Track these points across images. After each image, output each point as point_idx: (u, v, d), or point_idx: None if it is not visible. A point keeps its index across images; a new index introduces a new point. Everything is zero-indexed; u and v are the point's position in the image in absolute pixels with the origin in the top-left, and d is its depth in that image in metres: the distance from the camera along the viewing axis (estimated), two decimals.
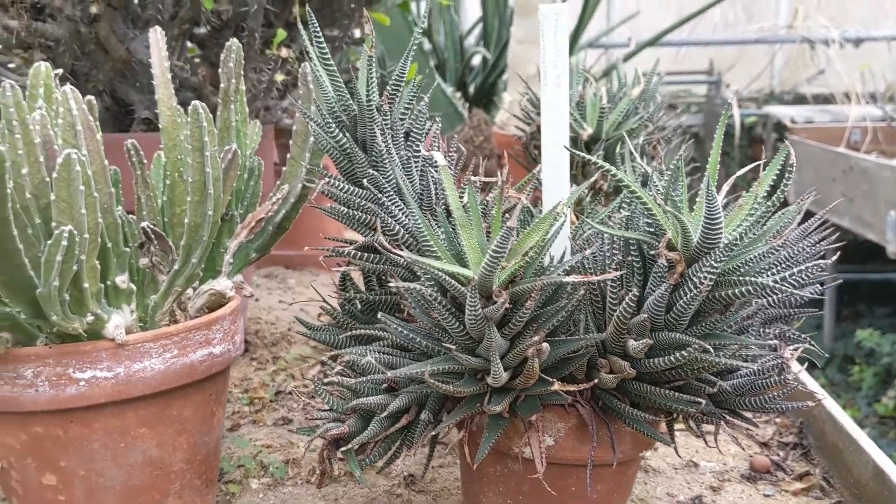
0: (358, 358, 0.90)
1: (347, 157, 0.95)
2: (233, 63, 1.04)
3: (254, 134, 1.15)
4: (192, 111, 0.89)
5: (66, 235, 0.79)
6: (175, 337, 0.93)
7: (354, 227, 0.96)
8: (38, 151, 0.83)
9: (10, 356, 0.87)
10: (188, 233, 0.92)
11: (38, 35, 1.36)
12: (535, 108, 1.61)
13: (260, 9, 1.40)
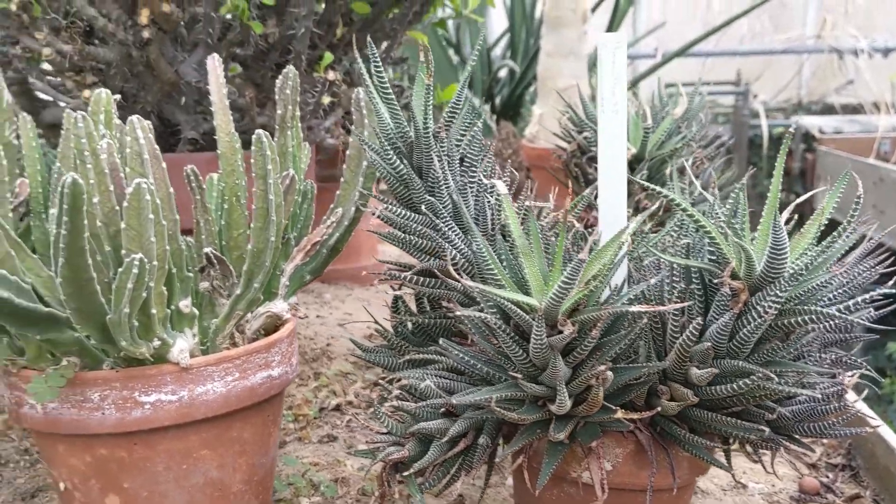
0: (416, 382, 0.91)
1: (404, 183, 0.97)
2: (289, 90, 1.06)
3: (304, 157, 1.17)
4: (256, 139, 0.91)
5: (136, 263, 0.81)
6: (236, 360, 0.95)
7: (411, 252, 0.97)
8: (108, 181, 0.85)
9: (78, 380, 0.89)
10: (251, 258, 0.94)
11: (90, 58, 1.39)
12: (576, 127, 1.62)
13: (307, 32, 1.42)
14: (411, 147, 0.97)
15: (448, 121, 0.97)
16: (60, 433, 0.92)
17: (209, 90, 1.48)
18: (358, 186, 1.10)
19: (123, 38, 1.35)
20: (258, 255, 0.94)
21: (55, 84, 1.45)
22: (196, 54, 1.48)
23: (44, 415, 0.91)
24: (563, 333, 0.74)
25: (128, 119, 0.91)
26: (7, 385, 0.94)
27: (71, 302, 0.81)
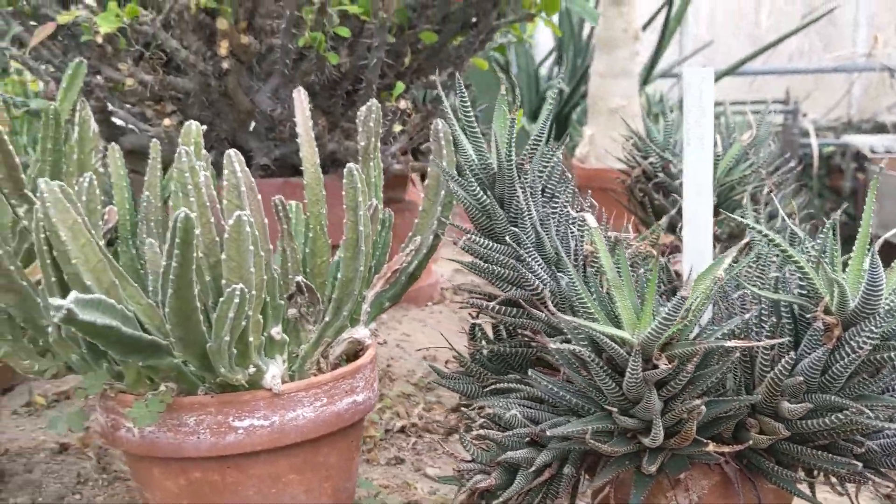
0: (502, 412, 0.92)
1: (487, 214, 0.99)
2: (373, 122, 1.09)
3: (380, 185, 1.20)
4: (348, 173, 0.93)
5: (237, 293, 0.84)
6: (325, 386, 0.97)
7: (492, 281, 0.99)
8: (209, 213, 0.88)
9: (175, 405, 0.92)
10: (340, 287, 0.96)
11: (170, 88, 1.44)
12: (640, 152, 1.63)
13: (378, 62, 1.46)
14: (493, 178, 0.99)
15: (531, 152, 0.99)
16: (156, 456, 0.95)
17: (282, 118, 1.52)
18: (436, 215, 1.12)
19: (203, 69, 1.40)
20: (347, 284, 0.96)
21: (135, 112, 1.50)
22: (270, 83, 1.52)
23: (140, 438, 0.94)
24: (660, 368, 0.75)
25: (225, 153, 0.94)
26: (104, 408, 0.98)
27: (176, 331, 0.84)
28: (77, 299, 0.71)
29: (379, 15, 1.39)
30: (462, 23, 1.62)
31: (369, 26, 1.43)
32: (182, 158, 0.89)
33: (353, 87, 1.52)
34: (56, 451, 1.50)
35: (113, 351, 0.84)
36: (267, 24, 1.44)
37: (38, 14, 1.45)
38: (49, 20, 1.44)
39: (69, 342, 0.93)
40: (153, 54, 1.37)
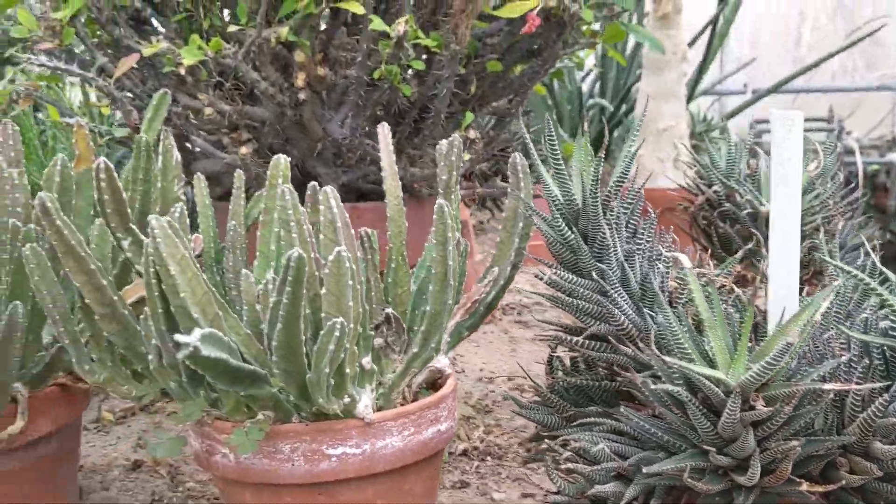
0: (589, 445, 0.94)
1: (571, 249, 1.01)
2: (454, 156, 1.12)
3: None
4: (438, 209, 0.96)
5: (338, 327, 0.87)
6: (412, 415, 1.00)
7: (576, 315, 1.01)
8: (310, 248, 0.92)
9: (271, 433, 0.95)
10: (428, 319, 0.99)
11: (247, 117, 1.49)
12: (703, 180, 1.64)
13: (448, 93, 1.49)
14: (577, 214, 1.01)
15: (616, 189, 1.01)
16: (250, 482, 0.98)
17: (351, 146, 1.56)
18: (514, 247, 1.15)
19: (281, 100, 1.44)
20: (436, 316, 0.99)
21: (210, 140, 1.55)
22: (340, 112, 1.56)
23: (236, 464, 0.97)
24: (758, 410, 0.77)
25: (321, 189, 0.98)
26: (199, 434, 1.01)
27: (281, 363, 0.87)
28: (202, 336, 0.75)
29: (451, 47, 1.42)
30: (526, 51, 1.65)
31: (439, 58, 1.46)
32: (286, 196, 0.93)
33: (420, 116, 1.55)
34: (129, 468, 1.54)
35: (219, 381, 0.88)
36: (341, 55, 1.48)
37: (119, 45, 1.50)
38: (131, 51, 1.49)
39: (169, 370, 0.97)
40: (233, 85, 1.42)
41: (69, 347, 1.01)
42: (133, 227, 0.97)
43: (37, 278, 0.97)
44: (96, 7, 1.43)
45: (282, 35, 1.34)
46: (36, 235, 1.13)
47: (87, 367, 1.02)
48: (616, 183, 1.01)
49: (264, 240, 1.16)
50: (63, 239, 0.94)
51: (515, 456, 1.57)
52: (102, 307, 0.97)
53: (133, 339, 1.01)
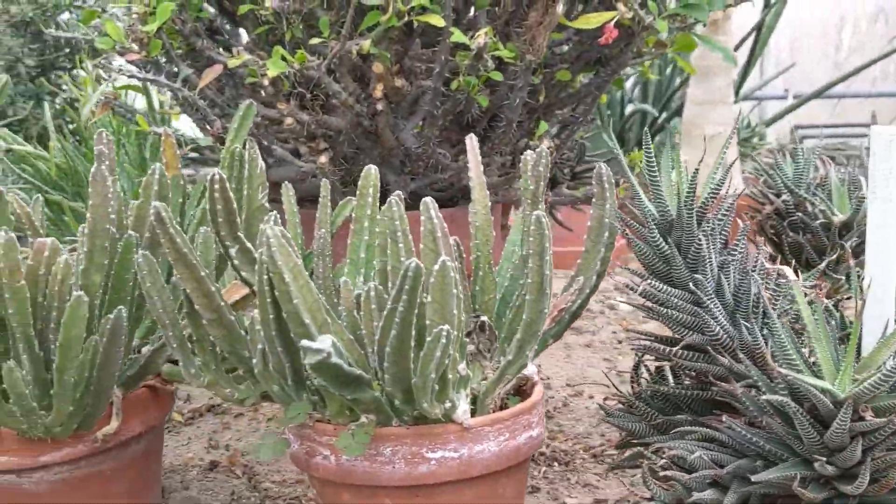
0: (685, 453, 0.96)
1: (665, 260, 1.03)
2: (542, 167, 1.14)
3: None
4: (536, 220, 0.99)
5: (444, 334, 0.90)
6: (507, 421, 1.02)
7: (670, 326, 1.03)
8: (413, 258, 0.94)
9: (373, 436, 0.97)
10: (524, 328, 1.01)
11: (324, 126, 1.52)
12: (772, 189, 1.64)
13: (520, 102, 1.51)
14: (670, 225, 1.03)
15: (711, 199, 1.03)
16: (349, 483, 1.01)
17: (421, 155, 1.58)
18: (599, 256, 1.16)
19: (359, 110, 1.47)
20: (531, 325, 1.01)
21: (287, 148, 1.59)
22: (412, 121, 1.59)
23: (337, 466, 1.00)
24: (867, 421, 0.78)
25: (422, 201, 1.01)
26: (298, 436, 1.04)
27: (391, 368, 0.90)
28: (333, 343, 0.77)
29: (526, 58, 1.45)
30: (595, 60, 1.67)
31: (512, 68, 1.49)
32: (393, 207, 0.96)
33: (495, 126, 1.57)
34: (206, 468, 1.58)
35: (330, 385, 0.91)
36: (416, 66, 1.51)
37: (201, 56, 1.54)
38: (212, 62, 1.54)
39: (273, 373, 1.00)
40: (314, 96, 1.45)
41: (177, 351, 1.05)
42: (241, 235, 1.00)
43: (148, 284, 1.01)
44: (180, 19, 1.47)
45: (364, 47, 1.37)
46: (136, 242, 1.17)
47: (193, 371, 1.06)
48: (711, 193, 1.03)
49: (354, 248, 1.19)
50: (176, 246, 0.97)
51: (583, 462, 1.59)
52: (210, 312, 1.01)
53: (236, 344, 1.04)
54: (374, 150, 1.61)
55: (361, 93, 1.50)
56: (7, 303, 1.06)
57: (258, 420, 1.85)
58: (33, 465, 1.18)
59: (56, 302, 1.09)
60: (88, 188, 1.14)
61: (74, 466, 1.21)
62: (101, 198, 1.13)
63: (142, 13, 1.41)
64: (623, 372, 2.11)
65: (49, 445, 1.17)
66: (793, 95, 5.16)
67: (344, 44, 1.37)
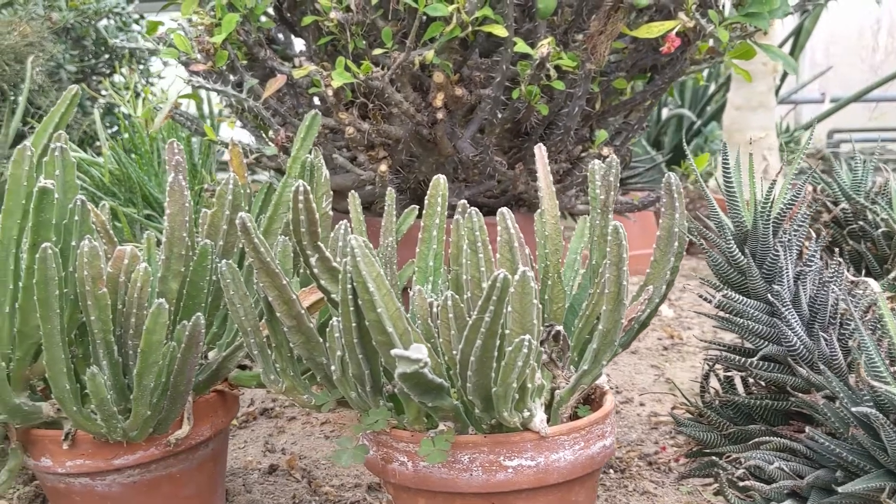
0: (764, 464, 0.96)
1: (741, 271, 1.03)
2: (612, 177, 1.15)
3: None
4: (613, 230, 0.99)
5: (526, 344, 0.91)
6: (583, 430, 1.03)
7: (745, 336, 1.03)
8: (493, 268, 0.95)
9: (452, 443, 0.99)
10: (600, 338, 1.02)
11: (384, 135, 1.54)
12: (829, 197, 1.64)
13: (579, 110, 1.52)
14: (745, 236, 1.04)
15: (787, 210, 1.03)
16: (426, 489, 1.02)
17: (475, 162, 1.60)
18: (669, 266, 1.17)
19: (420, 119, 1.48)
20: (607, 334, 1.02)
21: (346, 156, 1.61)
22: (469, 129, 1.60)
23: (413, 472, 1.02)
24: None
25: (498, 211, 1.02)
26: (375, 442, 1.06)
27: (474, 377, 0.91)
28: (427, 353, 0.79)
29: (586, 66, 1.46)
30: (649, 68, 1.67)
31: (571, 76, 1.50)
32: (473, 219, 0.97)
33: (552, 133, 1.58)
34: (265, 471, 1.60)
35: (413, 393, 0.92)
36: (475, 75, 1.52)
37: (263, 66, 1.57)
38: (274, 72, 1.56)
39: (351, 380, 1.02)
40: (375, 105, 1.47)
41: (258, 357, 1.07)
42: (321, 245, 1.02)
43: (231, 292, 1.03)
44: (244, 30, 1.50)
45: (427, 57, 1.39)
46: (211, 249, 1.19)
47: (273, 377, 1.08)
48: (787, 204, 1.03)
49: (422, 256, 1.21)
50: (260, 255, 0.99)
51: (639, 469, 1.59)
52: (290, 319, 1.03)
53: (314, 350, 1.06)
54: (429, 157, 1.62)
55: (422, 102, 1.51)
56: (89, 309, 1.08)
57: (311, 424, 1.87)
58: (107, 467, 1.20)
59: (135, 308, 1.11)
60: (166, 197, 1.16)
61: (146, 469, 1.24)
62: (178, 206, 1.15)
63: (208, 24, 1.43)
64: (672, 380, 2.11)
65: (123, 448, 1.20)
66: (830, 99, 5.11)
67: (408, 54, 1.39)
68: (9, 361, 1.15)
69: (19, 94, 3.90)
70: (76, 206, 1.12)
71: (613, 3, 1.37)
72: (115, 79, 4.61)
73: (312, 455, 1.68)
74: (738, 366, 1.04)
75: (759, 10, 1.41)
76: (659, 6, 1.51)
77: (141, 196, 2.29)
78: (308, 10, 1.51)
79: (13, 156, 1.13)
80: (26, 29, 4.10)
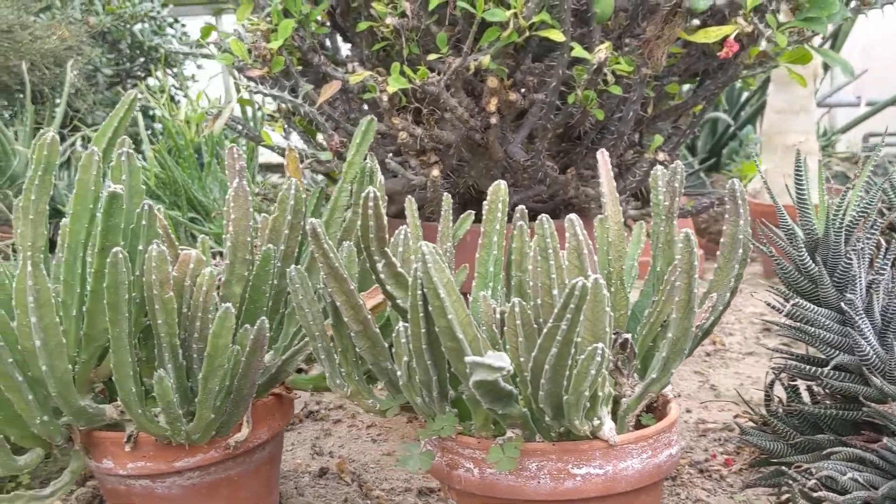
0: (837, 475, 0.95)
1: (811, 279, 1.02)
2: (677, 183, 1.14)
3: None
4: (685, 238, 0.98)
5: (599, 352, 0.90)
6: (650, 439, 1.02)
7: (815, 345, 1.02)
8: (564, 275, 0.95)
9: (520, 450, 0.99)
10: (670, 346, 1.01)
11: (436, 140, 1.54)
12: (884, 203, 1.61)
13: (634, 115, 1.51)
14: (816, 244, 1.02)
15: (860, 218, 1.01)
16: (492, 496, 1.02)
17: (525, 166, 1.59)
18: (733, 273, 1.16)
19: (473, 124, 1.48)
20: (677, 342, 1.01)
21: (397, 161, 1.61)
22: (520, 134, 1.60)
23: (480, 479, 1.02)
24: None
25: (566, 218, 1.01)
26: (441, 448, 1.06)
27: (547, 385, 0.91)
28: None
29: (641, 71, 1.45)
30: (702, 72, 1.66)
31: (626, 81, 1.49)
32: (545, 225, 0.97)
33: (605, 138, 1.58)
34: (316, 474, 1.61)
35: (484, 400, 0.92)
36: (528, 79, 1.52)
37: (317, 71, 1.58)
38: (327, 78, 1.57)
39: (418, 385, 1.02)
40: (429, 111, 1.47)
41: (324, 362, 1.07)
42: (387, 250, 1.02)
43: (300, 297, 1.04)
44: (298, 36, 1.51)
45: (483, 63, 1.39)
46: (273, 254, 1.20)
47: (338, 381, 1.08)
48: (860, 213, 1.02)
49: (482, 261, 1.21)
50: (329, 261, 1.00)
51: (690, 477, 1.58)
52: (357, 324, 1.03)
53: (380, 356, 1.06)
54: (478, 162, 1.62)
55: (475, 107, 1.51)
56: (156, 313, 1.09)
57: (357, 427, 1.88)
58: (168, 470, 1.22)
59: (200, 312, 1.12)
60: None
61: (205, 472, 1.25)
62: (242, 211, 1.16)
63: (264, 30, 1.44)
64: (716, 386, 2.09)
65: (185, 451, 1.21)
66: (866, 102, 5.04)
67: (465, 59, 1.39)
68: (74, 364, 1.17)
69: (57, 97, 3.96)
70: (143, 211, 1.13)
71: (671, 7, 1.36)
72: (149, 82, 4.66)
73: (361, 458, 1.68)
74: (809, 375, 1.03)
75: (817, 14, 1.40)
76: (713, 10, 1.50)
77: (185, 199, 2.31)
78: (362, 16, 1.51)
79: (81, 160, 1.14)
80: (65, 33, 4.16)
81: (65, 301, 1.15)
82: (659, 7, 1.41)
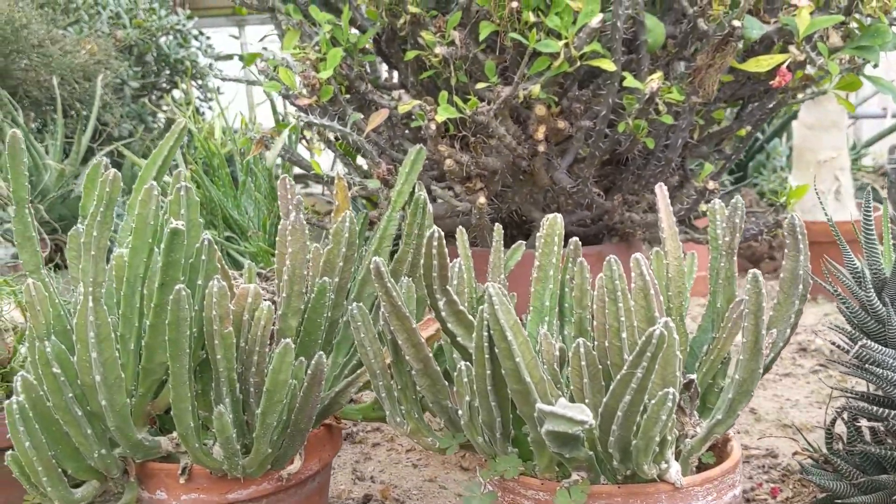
0: None
1: (879, 320, 1.00)
2: (738, 218, 1.13)
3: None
4: (753, 278, 0.97)
5: (670, 397, 0.89)
6: (716, 480, 1.01)
7: (882, 387, 1.01)
8: (633, 318, 0.94)
9: None
10: (737, 387, 1.01)
11: (482, 167, 1.54)
12: None
13: (682, 142, 1.50)
14: (883, 283, 1.01)
15: None
16: None
17: (570, 192, 1.59)
18: (794, 309, 1.15)
19: (521, 152, 1.48)
20: (744, 384, 1.00)
21: (442, 187, 1.61)
22: (565, 160, 1.59)
23: None
24: None
25: (632, 258, 1.01)
26: (501, 488, 1.05)
27: (618, 430, 0.90)
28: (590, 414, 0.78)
29: (691, 99, 1.44)
30: (748, 98, 1.65)
31: (676, 108, 1.48)
32: (612, 267, 0.96)
33: (653, 165, 1.57)
34: (361, 500, 1.60)
35: (553, 444, 0.91)
36: (575, 107, 1.52)
37: (363, 99, 1.58)
38: (373, 105, 1.57)
39: (480, 426, 1.02)
40: (477, 139, 1.47)
41: (384, 400, 1.07)
42: (450, 289, 1.02)
43: (362, 335, 1.04)
44: (346, 64, 1.51)
45: (534, 92, 1.38)
46: (328, 287, 1.20)
47: (398, 419, 1.08)
48: None
49: (538, 295, 1.20)
50: (391, 299, 0.99)
51: None
52: (418, 363, 1.03)
53: (440, 394, 1.06)
54: (522, 188, 1.62)
55: (521, 134, 1.51)
56: (216, 348, 1.10)
57: (396, 451, 1.87)
58: (221, 501, 1.21)
59: (258, 346, 1.12)
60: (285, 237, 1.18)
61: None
62: (299, 244, 1.16)
63: (313, 59, 1.45)
64: (756, 409, 2.07)
65: (239, 483, 1.21)
66: (892, 114, 5.00)
67: (515, 88, 1.39)
68: (131, 397, 1.17)
69: (85, 111, 3.99)
70: (203, 246, 1.13)
71: (723, 37, 1.35)
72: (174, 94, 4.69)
73: (403, 484, 1.68)
74: (876, 416, 1.01)
75: (871, 43, 1.39)
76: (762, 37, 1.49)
77: (221, 218, 2.32)
78: (409, 45, 1.51)
79: (140, 195, 1.15)
80: (94, 48, 4.19)
81: (123, 335, 1.15)
82: (709, 35, 1.40)
